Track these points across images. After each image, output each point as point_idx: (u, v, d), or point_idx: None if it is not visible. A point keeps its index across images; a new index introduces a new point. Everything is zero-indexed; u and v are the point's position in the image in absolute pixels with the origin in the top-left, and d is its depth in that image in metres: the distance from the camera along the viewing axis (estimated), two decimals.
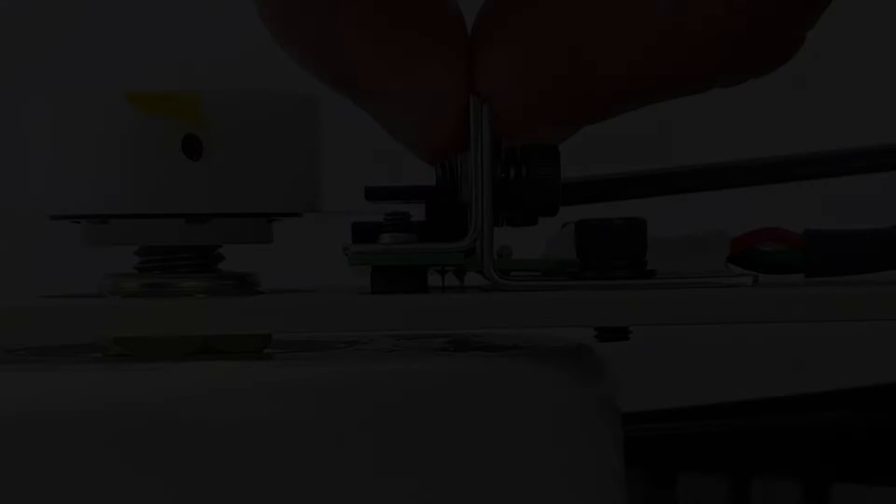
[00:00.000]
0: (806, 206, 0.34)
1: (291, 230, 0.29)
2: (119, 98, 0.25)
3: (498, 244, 0.26)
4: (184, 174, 0.25)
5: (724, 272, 0.27)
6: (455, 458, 0.23)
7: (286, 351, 0.27)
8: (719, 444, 0.39)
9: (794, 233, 0.28)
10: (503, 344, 0.26)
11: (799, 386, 0.42)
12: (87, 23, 0.47)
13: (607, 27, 0.25)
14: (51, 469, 0.22)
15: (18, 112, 0.26)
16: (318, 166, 0.27)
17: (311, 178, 0.27)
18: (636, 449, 0.38)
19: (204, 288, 0.26)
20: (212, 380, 0.22)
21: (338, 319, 0.24)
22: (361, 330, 0.24)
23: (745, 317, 0.24)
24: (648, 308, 0.24)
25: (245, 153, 0.26)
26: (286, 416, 0.22)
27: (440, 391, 0.23)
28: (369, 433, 0.22)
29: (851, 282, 0.27)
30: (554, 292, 0.24)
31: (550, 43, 0.25)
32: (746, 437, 0.39)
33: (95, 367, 0.23)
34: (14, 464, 0.22)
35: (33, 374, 0.23)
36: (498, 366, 0.24)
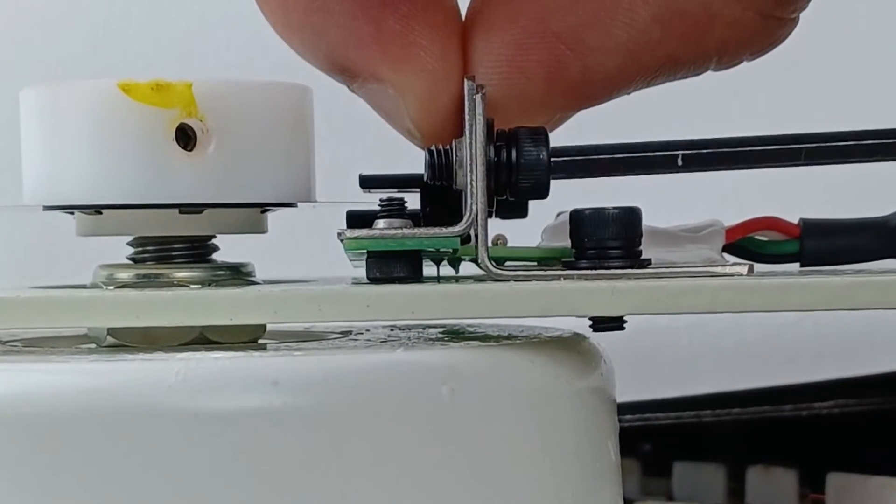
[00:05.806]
0: (801, 195, 0.34)
1: (286, 220, 0.29)
2: (112, 88, 0.25)
3: (493, 233, 0.26)
4: (177, 164, 0.25)
5: (720, 261, 0.27)
6: (449, 448, 0.23)
7: (280, 341, 0.27)
8: (715, 434, 0.39)
9: (789, 222, 0.28)
10: (498, 334, 0.26)
11: (794, 376, 0.42)
12: (76, 10, 0.47)
13: (601, 12, 0.25)
14: (43, 460, 0.22)
15: (12, 104, 0.26)
16: (312, 156, 0.27)
17: (305, 168, 0.27)
18: (632, 438, 0.38)
19: (198, 279, 0.26)
20: (206, 370, 0.22)
21: (332, 310, 0.24)
22: (356, 320, 0.24)
23: (740, 306, 0.24)
24: (643, 297, 0.24)
25: (238, 143, 0.25)
26: (280, 407, 0.22)
27: (434, 381, 0.23)
28: (364, 423, 0.22)
29: (846, 271, 0.27)
30: (548, 282, 0.24)
31: (543, 28, 0.25)
32: (742, 426, 0.39)
33: (89, 359, 0.23)
34: (6, 455, 0.22)
35: (26, 366, 0.23)
36: (492, 356, 0.24)
